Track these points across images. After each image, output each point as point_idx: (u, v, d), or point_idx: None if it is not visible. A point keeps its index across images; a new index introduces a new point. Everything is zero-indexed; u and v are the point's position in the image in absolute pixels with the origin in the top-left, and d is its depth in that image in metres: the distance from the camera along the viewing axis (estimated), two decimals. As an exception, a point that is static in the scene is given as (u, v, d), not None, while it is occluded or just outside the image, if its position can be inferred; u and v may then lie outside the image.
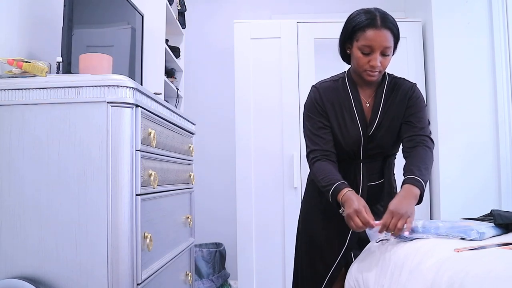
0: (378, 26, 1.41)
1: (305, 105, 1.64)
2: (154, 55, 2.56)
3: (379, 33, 1.41)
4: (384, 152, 1.60)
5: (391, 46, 1.45)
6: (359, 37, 1.44)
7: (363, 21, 1.43)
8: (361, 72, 1.49)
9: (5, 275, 1.23)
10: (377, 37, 1.41)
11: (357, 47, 1.46)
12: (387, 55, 1.45)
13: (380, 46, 1.42)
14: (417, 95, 1.58)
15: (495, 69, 2.63)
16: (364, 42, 1.43)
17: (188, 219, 1.92)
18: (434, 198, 2.67)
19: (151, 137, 1.38)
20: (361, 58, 1.45)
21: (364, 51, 1.44)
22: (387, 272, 1.22)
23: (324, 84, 1.62)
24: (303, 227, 1.71)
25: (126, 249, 1.22)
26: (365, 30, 1.42)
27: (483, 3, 2.66)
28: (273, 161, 2.81)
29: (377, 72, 1.47)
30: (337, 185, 1.42)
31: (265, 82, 2.84)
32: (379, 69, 1.46)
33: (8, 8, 1.55)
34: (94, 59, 1.45)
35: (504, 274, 0.85)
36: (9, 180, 1.25)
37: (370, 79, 1.49)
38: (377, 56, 1.43)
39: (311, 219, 1.68)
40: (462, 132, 2.62)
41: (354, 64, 1.52)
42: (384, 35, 1.42)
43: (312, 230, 1.66)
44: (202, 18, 3.55)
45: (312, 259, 1.65)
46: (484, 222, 1.35)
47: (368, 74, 1.47)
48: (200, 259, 3.01)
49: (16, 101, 1.26)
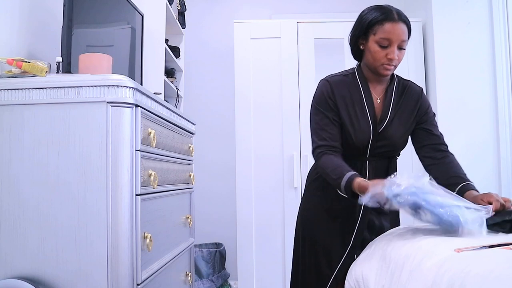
0: (396, 20, 1.44)
1: (314, 98, 1.60)
2: (154, 55, 2.55)
3: (397, 25, 1.44)
4: (391, 150, 1.59)
5: (407, 39, 1.48)
6: (377, 30, 1.46)
7: (380, 15, 1.46)
8: (377, 66, 1.50)
9: (5, 275, 1.23)
10: (396, 30, 1.44)
11: (375, 41, 1.47)
12: (403, 48, 1.48)
13: (398, 39, 1.44)
14: (428, 101, 1.64)
15: (496, 69, 2.63)
16: (382, 35, 1.45)
17: (188, 219, 1.92)
18: (434, 198, 2.67)
19: (151, 137, 1.38)
20: (379, 51, 1.47)
21: (382, 44, 1.46)
22: (387, 272, 1.22)
23: (335, 78, 1.60)
24: (305, 228, 1.68)
25: (126, 249, 1.22)
26: (383, 23, 1.44)
27: (483, 3, 2.66)
28: (273, 161, 2.81)
29: (393, 66, 1.49)
30: (351, 175, 1.40)
31: (265, 82, 2.84)
32: (395, 63, 1.48)
33: (8, 8, 1.55)
34: (94, 59, 1.45)
35: (505, 274, 0.85)
36: (9, 180, 1.25)
37: (386, 73, 1.50)
38: (394, 49, 1.45)
39: (313, 220, 1.65)
40: (463, 131, 2.62)
41: (369, 59, 1.52)
42: (401, 28, 1.45)
43: (315, 231, 1.63)
44: (202, 18, 3.55)
45: (316, 259, 1.61)
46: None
47: (385, 67, 1.49)
48: (200, 259, 3.01)
49: (15, 101, 1.26)
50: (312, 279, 1.63)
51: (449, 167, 1.53)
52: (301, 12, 3.46)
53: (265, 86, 2.85)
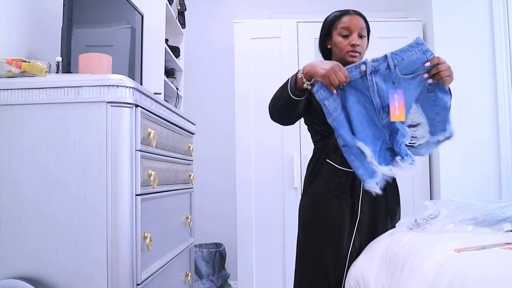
0: (351, 13, 1.66)
1: None
2: (154, 55, 2.55)
3: (353, 17, 1.64)
4: None
5: (365, 28, 1.65)
6: (337, 25, 1.65)
7: (338, 13, 1.68)
8: (344, 55, 1.63)
9: (5, 275, 1.23)
10: (353, 20, 1.63)
11: (337, 34, 1.65)
12: (364, 36, 1.64)
13: (356, 27, 1.62)
14: None
15: (496, 69, 2.63)
16: (342, 25, 1.63)
17: (188, 219, 1.92)
18: (435, 198, 2.67)
19: (151, 137, 1.38)
20: (342, 41, 1.63)
21: (344, 33, 1.63)
22: (387, 272, 1.22)
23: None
24: (310, 224, 1.63)
25: (126, 249, 1.22)
26: (341, 17, 1.65)
27: (483, 3, 2.66)
28: (273, 161, 2.81)
29: (358, 53, 1.62)
30: (292, 75, 1.51)
31: (265, 82, 2.84)
32: (359, 49, 1.62)
33: (8, 8, 1.55)
34: (94, 59, 1.45)
35: (505, 274, 0.85)
36: (9, 180, 1.25)
37: (352, 59, 1.60)
38: (355, 36, 1.62)
39: (315, 208, 1.61)
40: (463, 132, 2.62)
41: (336, 52, 1.66)
42: (358, 19, 1.64)
43: (323, 224, 1.59)
44: (202, 18, 3.55)
45: (323, 261, 1.57)
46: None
47: (351, 55, 1.62)
48: (200, 259, 3.01)
49: (15, 101, 1.26)
50: (321, 283, 1.59)
51: None
52: (301, 12, 3.46)
53: (265, 86, 2.84)
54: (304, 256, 1.65)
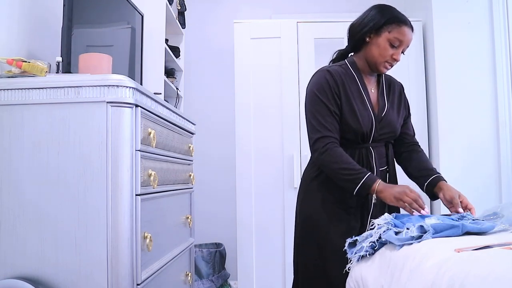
0: (409, 26, 1.56)
1: (315, 88, 1.59)
2: (154, 55, 2.55)
3: (410, 32, 1.55)
4: (392, 136, 1.66)
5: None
6: (393, 29, 1.53)
7: (401, 17, 1.55)
8: (380, 62, 1.56)
9: (5, 275, 1.23)
10: (409, 35, 1.54)
11: (387, 38, 1.53)
12: (403, 53, 1.58)
13: (407, 44, 1.56)
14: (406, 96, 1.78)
15: (496, 69, 2.62)
16: (397, 35, 1.52)
17: (188, 219, 1.92)
18: (434, 198, 2.67)
19: (151, 137, 1.38)
20: (388, 49, 1.54)
21: (394, 43, 1.53)
22: (387, 273, 1.21)
23: (334, 68, 1.62)
24: (311, 226, 1.61)
25: (126, 249, 1.22)
26: (401, 25, 1.53)
27: (483, 3, 2.66)
28: (273, 161, 2.81)
29: (391, 66, 1.59)
30: (369, 175, 1.46)
31: (265, 82, 2.84)
32: (394, 65, 1.59)
33: (8, 8, 1.55)
34: (94, 59, 1.45)
35: (505, 275, 0.84)
36: (9, 180, 1.25)
37: (384, 70, 1.60)
38: (400, 51, 1.56)
39: (319, 217, 1.59)
40: (463, 132, 2.62)
41: (374, 53, 1.56)
42: (412, 35, 1.56)
43: (325, 229, 1.57)
44: (202, 18, 3.55)
45: (325, 263, 1.56)
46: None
47: (385, 66, 1.58)
48: (200, 259, 3.01)
49: (15, 101, 1.26)
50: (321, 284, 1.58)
51: (421, 161, 1.67)
52: (301, 12, 3.46)
53: (265, 86, 2.85)
54: (305, 243, 1.66)
